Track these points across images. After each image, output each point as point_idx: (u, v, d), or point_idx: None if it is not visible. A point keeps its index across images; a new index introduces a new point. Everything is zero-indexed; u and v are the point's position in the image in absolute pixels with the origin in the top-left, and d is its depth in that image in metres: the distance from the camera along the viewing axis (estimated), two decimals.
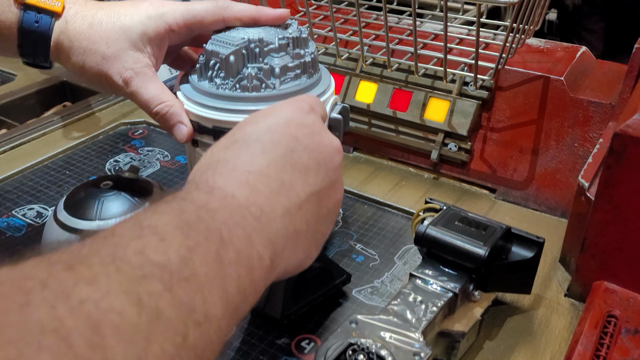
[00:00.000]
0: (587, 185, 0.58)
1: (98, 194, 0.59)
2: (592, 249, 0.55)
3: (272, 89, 0.54)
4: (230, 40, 0.54)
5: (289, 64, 0.55)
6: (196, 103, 0.54)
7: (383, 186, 0.78)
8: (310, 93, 0.56)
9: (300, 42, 0.56)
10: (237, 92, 0.54)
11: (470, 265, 0.52)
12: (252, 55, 0.54)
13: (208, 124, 0.54)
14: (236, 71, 0.53)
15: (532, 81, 0.73)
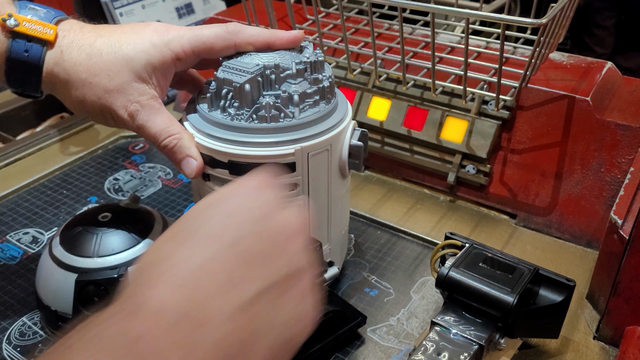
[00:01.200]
0: (620, 222, 0.54)
1: (96, 228, 0.56)
2: (626, 292, 0.51)
3: (292, 118, 0.50)
4: (244, 67, 0.49)
5: (307, 91, 0.51)
6: (208, 135, 0.50)
7: (397, 210, 0.74)
8: (329, 120, 0.52)
9: (317, 67, 0.52)
10: (254, 123, 0.49)
11: (496, 313, 0.48)
12: (268, 83, 0.50)
13: (223, 158, 0.50)
14: (251, 100, 0.49)
15: (555, 101, 0.69)
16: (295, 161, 0.50)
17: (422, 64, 0.75)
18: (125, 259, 0.54)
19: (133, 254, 0.54)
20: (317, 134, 0.50)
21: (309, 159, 0.50)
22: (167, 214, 0.74)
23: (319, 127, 0.51)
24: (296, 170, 0.50)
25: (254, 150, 0.49)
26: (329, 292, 0.54)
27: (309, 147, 0.50)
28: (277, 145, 0.49)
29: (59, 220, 0.73)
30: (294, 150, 0.49)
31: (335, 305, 0.54)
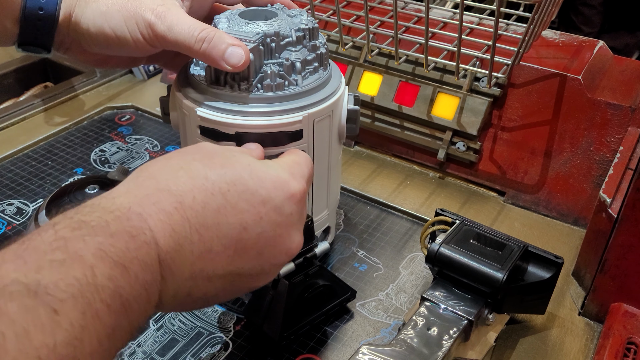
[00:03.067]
0: (609, 201, 0.54)
1: (84, 199, 0.54)
2: (613, 270, 0.52)
3: (296, 86, 0.49)
4: (245, 36, 0.48)
5: (307, 58, 0.50)
6: (212, 108, 0.49)
7: (386, 185, 0.74)
8: (329, 86, 0.52)
9: (314, 33, 0.51)
10: (259, 92, 0.49)
11: (486, 289, 0.48)
12: (269, 51, 0.49)
13: (230, 130, 0.49)
14: (255, 70, 0.48)
15: (547, 79, 0.69)
16: (303, 128, 0.50)
17: (415, 39, 0.74)
18: None
19: None
20: (320, 101, 0.50)
21: (315, 126, 0.50)
22: None
23: (321, 93, 0.51)
24: (303, 137, 0.50)
25: (261, 120, 0.48)
26: (319, 267, 0.54)
27: (314, 113, 0.50)
28: (284, 113, 0.49)
29: (44, 191, 0.72)
30: (302, 118, 0.49)
31: (325, 280, 0.54)
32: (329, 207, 0.58)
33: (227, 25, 0.50)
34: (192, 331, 0.55)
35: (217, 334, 0.55)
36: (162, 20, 0.47)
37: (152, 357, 0.52)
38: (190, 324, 0.56)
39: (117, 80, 0.96)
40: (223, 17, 0.51)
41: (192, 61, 0.53)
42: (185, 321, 0.56)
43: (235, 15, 0.51)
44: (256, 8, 0.53)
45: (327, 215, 0.59)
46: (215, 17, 0.52)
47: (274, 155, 0.47)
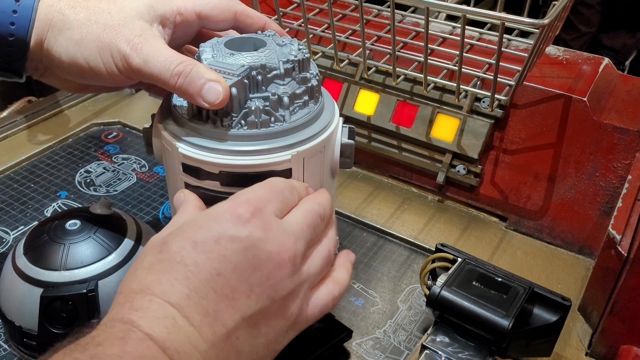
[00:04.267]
0: (618, 238, 0.51)
1: (64, 237, 0.51)
2: (623, 312, 0.50)
3: (283, 122, 0.46)
4: (228, 69, 0.45)
5: (296, 91, 0.47)
6: (194, 145, 0.46)
7: (384, 209, 0.71)
8: (320, 120, 0.49)
9: (305, 65, 0.48)
10: (243, 129, 0.45)
11: (490, 337, 0.46)
12: (254, 85, 0.46)
13: (214, 169, 0.45)
14: (239, 105, 0.45)
15: (551, 100, 0.66)
16: (292, 167, 0.46)
17: (413, 56, 0.71)
18: (94, 272, 0.50)
19: (103, 267, 0.50)
20: (311, 137, 0.47)
21: (305, 163, 0.47)
22: (142, 211, 0.70)
23: (311, 129, 0.47)
24: (292, 175, 0.47)
25: (247, 159, 0.45)
26: None
27: (304, 151, 0.47)
28: (271, 152, 0.45)
29: (25, 217, 0.69)
30: (290, 157, 0.46)
31: (320, 321, 0.51)
32: None
33: (211, 55, 0.47)
34: None
35: None
36: (137, 53, 0.44)
37: None
38: None
39: (103, 94, 0.92)
40: (208, 47, 0.48)
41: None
42: None
43: (220, 44, 0.48)
44: (244, 36, 0.50)
45: None
46: (201, 46, 0.49)
47: None
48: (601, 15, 2.32)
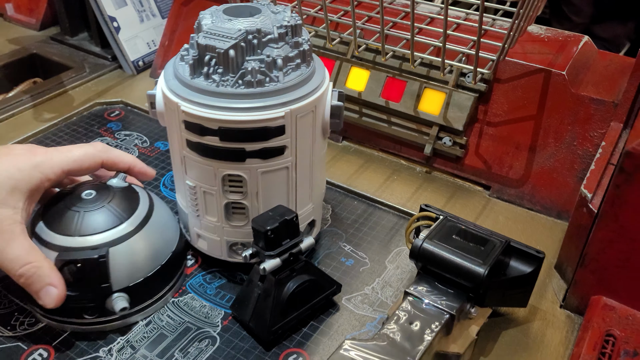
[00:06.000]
0: (589, 196, 0.55)
1: (79, 205, 0.54)
2: (593, 264, 0.53)
3: (277, 82, 0.50)
4: (227, 33, 0.49)
5: (289, 54, 0.51)
6: (195, 103, 0.50)
7: (373, 180, 0.75)
8: (312, 82, 0.53)
9: (297, 30, 0.52)
10: (240, 88, 0.49)
11: (468, 284, 0.49)
12: (251, 48, 0.50)
13: (213, 125, 0.49)
14: (236, 66, 0.49)
15: (532, 74, 0.70)
16: (285, 124, 0.50)
17: (402, 34, 0.74)
18: (107, 239, 0.52)
19: (115, 234, 0.53)
20: (302, 97, 0.51)
21: (297, 121, 0.51)
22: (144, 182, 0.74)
23: (303, 89, 0.51)
24: (285, 132, 0.51)
25: (244, 115, 0.49)
26: (305, 262, 0.55)
27: (297, 109, 0.51)
28: (266, 109, 0.49)
29: None
30: (284, 113, 0.50)
31: (311, 275, 0.55)
32: (314, 201, 0.59)
33: (210, 21, 0.51)
34: (180, 326, 0.56)
35: (205, 329, 0.55)
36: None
37: (140, 352, 0.53)
38: (178, 319, 0.56)
39: (106, 75, 0.96)
40: (207, 14, 0.52)
41: (177, 56, 0.53)
42: (173, 317, 0.57)
43: (219, 11, 0.52)
44: (240, 4, 0.54)
45: (312, 209, 0.59)
46: (201, 13, 0.52)
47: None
48: (593, 6, 2.35)
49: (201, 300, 0.58)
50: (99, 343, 0.54)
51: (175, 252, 0.58)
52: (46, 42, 1.04)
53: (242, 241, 0.57)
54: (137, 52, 0.96)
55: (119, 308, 0.52)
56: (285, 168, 0.54)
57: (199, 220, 0.57)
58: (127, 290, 0.53)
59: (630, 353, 0.49)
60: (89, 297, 0.52)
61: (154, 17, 0.99)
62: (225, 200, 0.55)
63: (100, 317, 0.54)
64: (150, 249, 0.55)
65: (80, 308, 0.53)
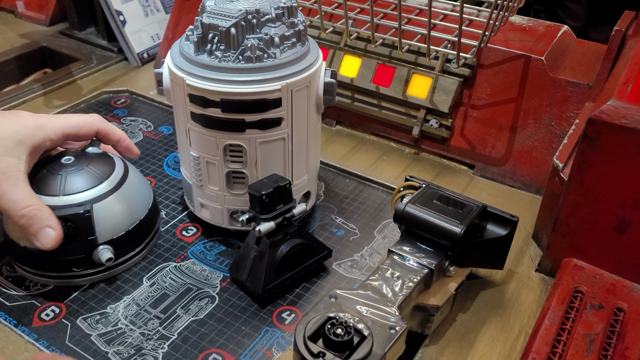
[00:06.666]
0: (561, 166, 0.59)
1: (60, 169, 0.58)
2: (564, 228, 0.57)
3: (274, 58, 0.55)
4: (228, 12, 0.54)
5: (285, 33, 0.56)
6: (199, 77, 0.54)
7: (365, 160, 0.79)
8: (306, 59, 0.58)
9: (293, 12, 0.57)
10: (241, 63, 0.54)
11: (446, 242, 0.54)
12: (250, 27, 0.55)
13: (215, 97, 0.54)
14: (237, 43, 0.54)
15: (513, 60, 0.74)
16: (281, 97, 0.55)
17: (391, 24, 0.79)
18: (89, 196, 0.57)
19: (97, 192, 0.57)
20: (298, 72, 0.56)
21: (293, 95, 0.56)
22: (149, 162, 0.78)
23: (298, 65, 0.56)
24: (282, 105, 0.56)
25: (244, 87, 0.54)
26: (298, 228, 0.59)
27: (292, 83, 0.55)
28: (264, 82, 0.54)
29: None
30: (280, 87, 0.54)
31: (304, 239, 0.59)
32: (309, 173, 0.64)
33: (213, 2, 0.56)
34: (182, 287, 0.60)
35: (205, 289, 0.60)
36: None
37: (145, 309, 0.57)
38: (180, 281, 0.61)
39: (112, 66, 1.01)
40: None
41: (183, 36, 0.58)
42: (175, 279, 0.61)
43: None
44: None
45: (307, 181, 0.64)
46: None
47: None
48: (587, 9, 2.39)
49: (201, 265, 0.63)
50: (107, 301, 0.58)
51: (151, 210, 0.62)
52: (55, 37, 1.09)
53: (241, 209, 0.62)
54: (142, 44, 1.01)
55: (105, 258, 0.57)
56: (282, 139, 0.58)
57: (202, 190, 0.62)
58: (111, 242, 0.58)
59: (596, 306, 0.53)
60: (79, 250, 0.57)
61: (158, 11, 1.04)
62: (227, 169, 0.59)
63: (88, 269, 0.58)
64: (129, 206, 0.59)
65: (69, 261, 0.57)
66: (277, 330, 0.56)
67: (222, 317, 0.57)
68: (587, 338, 0.50)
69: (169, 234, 0.66)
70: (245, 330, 0.56)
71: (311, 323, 0.45)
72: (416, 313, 0.53)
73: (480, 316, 0.57)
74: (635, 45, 0.61)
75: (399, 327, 0.46)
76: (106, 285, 0.60)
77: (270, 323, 0.56)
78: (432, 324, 0.53)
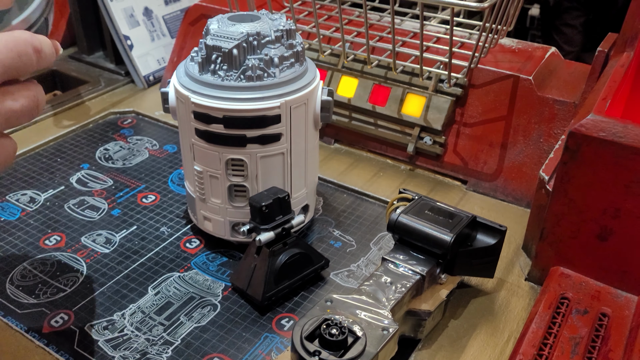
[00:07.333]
0: (547, 178, 0.62)
1: None
2: (550, 237, 0.60)
3: (274, 77, 0.58)
4: (230, 35, 0.58)
5: (284, 54, 0.59)
6: (203, 95, 0.58)
7: (362, 176, 0.82)
8: (304, 78, 0.61)
9: (291, 34, 0.61)
10: (242, 82, 0.58)
11: (437, 250, 0.56)
12: (251, 48, 0.58)
13: (218, 114, 0.58)
14: (239, 63, 0.58)
15: (502, 80, 0.78)
16: (281, 113, 0.58)
17: (386, 46, 0.83)
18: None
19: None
20: (296, 90, 0.59)
21: (291, 112, 0.59)
22: (154, 179, 0.82)
23: (297, 84, 0.60)
24: (281, 121, 0.59)
25: (245, 105, 0.57)
26: (297, 238, 0.62)
27: (291, 100, 0.59)
28: (264, 100, 0.58)
29: (54, 183, 0.80)
30: (280, 104, 0.58)
31: (302, 249, 0.62)
32: (307, 187, 0.67)
33: (217, 26, 0.59)
34: (185, 296, 0.63)
35: (207, 297, 0.62)
36: None
37: (150, 316, 0.60)
38: (184, 290, 0.63)
39: (119, 88, 1.05)
40: (214, 20, 0.61)
41: (188, 58, 0.62)
42: (179, 288, 0.64)
43: (224, 18, 0.61)
44: (242, 13, 0.63)
45: (306, 194, 0.67)
46: (209, 20, 0.61)
47: None
48: (583, 35, 2.45)
49: (204, 275, 0.65)
50: (113, 309, 0.61)
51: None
52: (65, 60, 1.13)
53: (243, 221, 0.65)
54: (148, 67, 1.05)
55: None
56: (281, 154, 0.61)
57: (205, 203, 0.65)
58: None
59: (581, 311, 0.56)
60: None
61: (164, 36, 1.09)
62: (229, 182, 0.62)
63: None
64: None
65: None
66: (276, 336, 0.58)
67: (224, 323, 0.59)
68: (573, 341, 0.52)
69: (173, 246, 0.69)
70: (245, 336, 0.58)
71: (308, 324, 0.47)
72: (409, 318, 0.55)
73: (471, 322, 0.59)
74: (615, 64, 0.65)
75: (392, 328, 0.49)
76: (113, 294, 0.62)
77: (270, 329, 0.59)
78: (424, 328, 0.56)
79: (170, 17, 1.10)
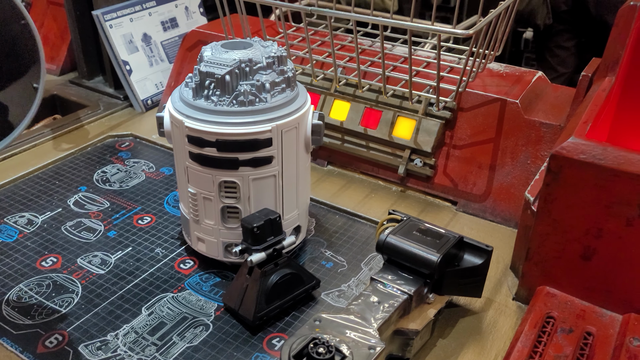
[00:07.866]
0: (532, 199, 0.64)
1: None
2: (535, 257, 0.61)
3: (265, 102, 0.60)
4: (223, 62, 0.60)
5: (276, 80, 0.61)
6: (197, 120, 0.60)
7: (354, 197, 0.84)
8: (295, 103, 0.63)
9: (282, 60, 0.63)
10: (234, 107, 0.60)
11: (424, 270, 0.58)
12: (243, 74, 0.60)
13: (211, 137, 0.60)
14: (231, 89, 0.60)
15: (490, 103, 0.80)
16: (272, 137, 0.60)
17: (377, 71, 0.85)
18: None
19: None
20: (287, 114, 0.61)
21: (283, 135, 0.61)
22: (150, 200, 0.83)
23: (288, 108, 0.62)
24: (272, 144, 0.61)
25: (237, 129, 0.59)
26: (288, 259, 0.63)
27: (282, 125, 0.61)
28: (256, 124, 0.60)
29: (51, 205, 0.82)
30: (271, 128, 0.60)
31: (293, 269, 0.63)
32: (299, 208, 0.68)
33: (210, 53, 0.62)
34: (179, 316, 0.64)
35: (200, 317, 0.63)
36: None
37: (143, 336, 0.61)
38: (177, 310, 0.64)
39: (118, 112, 1.07)
40: (208, 48, 0.63)
41: (182, 84, 0.64)
42: (172, 308, 0.65)
43: (218, 45, 0.63)
44: (235, 40, 0.65)
45: (298, 215, 0.68)
46: (203, 48, 0.63)
47: None
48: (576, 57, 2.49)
49: (197, 295, 0.66)
50: (107, 329, 0.62)
51: None
52: (65, 85, 1.16)
53: (235, 242, 0.66)
54: (146, 92, 1.08)
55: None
56: (273, 176, 0.63)
57: (199, 224, 0.66)
58: None
59: (567, 330, 0.57)
60: None
61: (162, 61, 1.11)
62: (222, 204, 0.64)
63: None
64: None
65: None
66: (267, 356, 0.59)
67: (216, 343, 0.60)
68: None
69: (167, 267, 0.70)
70: (236, 356, 0.59)
71: (296, 343, 0.48)
72: (396, 337, 0.56)
73: (459, 342, 0.60)
74: (597, 89, 0.67)
75: (378, 347, 0.50)
76: (107, 315, 0.63)
77: (261, 349, 0.60)
78: (412, 347, 0.57)
79: (168, 43, 1.12)
